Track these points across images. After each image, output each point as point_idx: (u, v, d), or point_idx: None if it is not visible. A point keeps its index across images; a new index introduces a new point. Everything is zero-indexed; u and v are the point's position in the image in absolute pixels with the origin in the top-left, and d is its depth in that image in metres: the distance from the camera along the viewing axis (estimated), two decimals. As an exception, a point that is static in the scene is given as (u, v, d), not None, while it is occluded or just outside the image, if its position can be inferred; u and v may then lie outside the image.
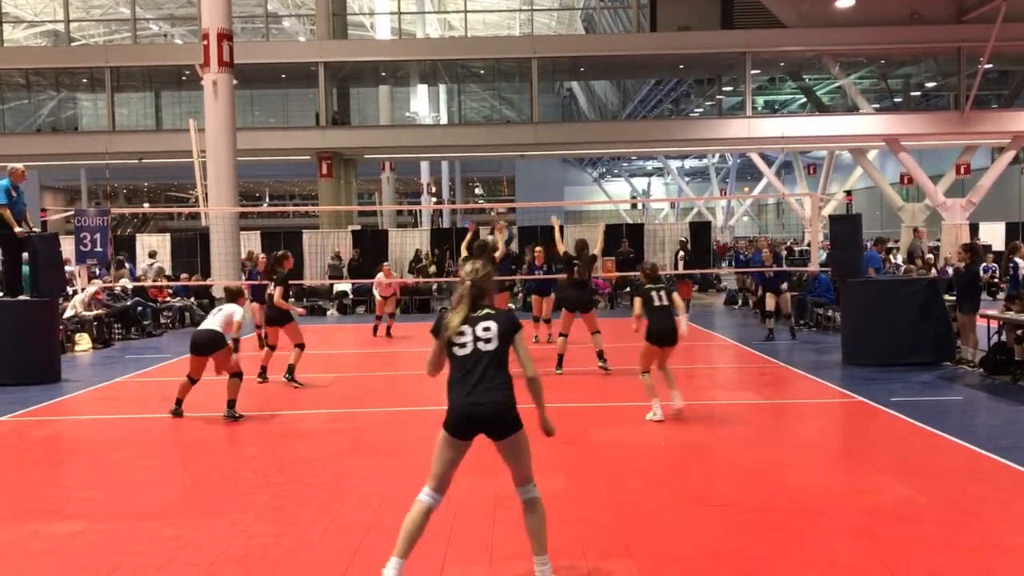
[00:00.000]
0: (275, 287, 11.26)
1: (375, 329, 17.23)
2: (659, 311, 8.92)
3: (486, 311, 4.61)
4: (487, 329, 4.54)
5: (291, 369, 11.25)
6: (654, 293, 8.98)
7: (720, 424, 8.71)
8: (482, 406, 4.51)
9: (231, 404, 9.31)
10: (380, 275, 17.30)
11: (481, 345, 4.52)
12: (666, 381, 9.04)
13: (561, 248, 12.37)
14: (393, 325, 17.24)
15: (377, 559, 5.07)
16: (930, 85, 34.03)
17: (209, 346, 9.22)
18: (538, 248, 16.24)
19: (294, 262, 12.96)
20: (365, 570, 4.95)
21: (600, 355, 11.81)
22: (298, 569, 4.99)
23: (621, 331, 17.15)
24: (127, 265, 21.92)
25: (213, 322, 9.33)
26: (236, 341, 9.68)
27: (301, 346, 11.34)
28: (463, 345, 4.54)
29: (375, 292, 17.36)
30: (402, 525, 4.55)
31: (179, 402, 9.47)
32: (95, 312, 16.27)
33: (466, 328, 4.55)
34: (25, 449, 8.37)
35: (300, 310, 14.99)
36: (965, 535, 5.39)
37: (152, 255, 23.52)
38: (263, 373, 11.50)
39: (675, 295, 9.08)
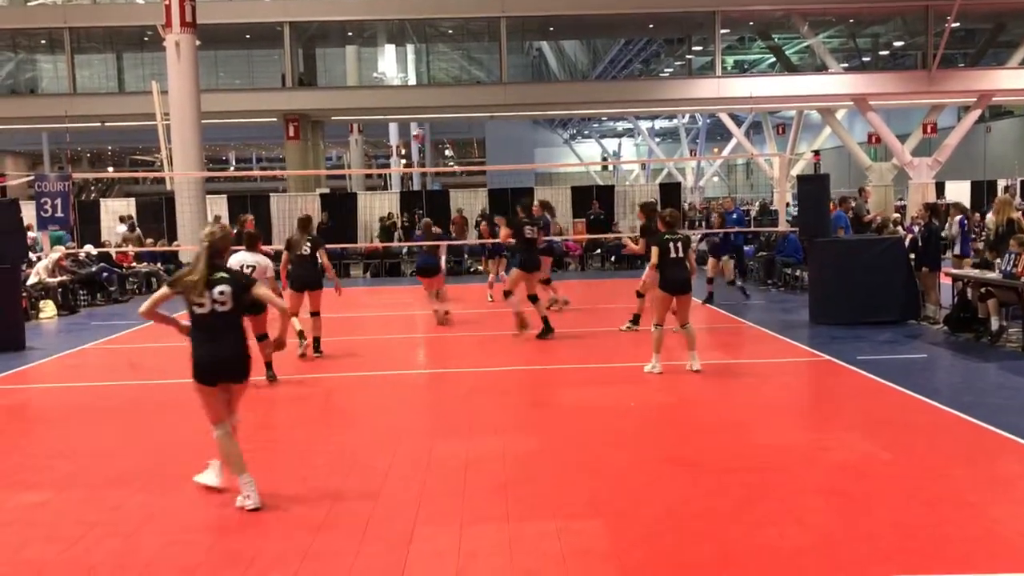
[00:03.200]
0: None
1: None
2: (674, 264, 8.91)
3: (222, 275, 5.25)
4: (222, 293, 5.20)
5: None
6: (671, 244, 8.93)
7: (689, 384, 8.76)
8: (225, 357, 5.27)
9: (268, 366, 8.95)
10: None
11: (218, 307, 5.20)
12: (686, 342, 9.17)
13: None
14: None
15: (348, 523, 5.07)
16: (898, 44, 34.12)
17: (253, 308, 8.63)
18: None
19: (263, 227, 12.86)
20: (334, 535, 4.94)
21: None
22: (268, 535, 4.98)
23: (592, 293, 17.22)
24: (138, 230, 21.81)
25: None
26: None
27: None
28: (201, 305, 5.19)
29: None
30: (225, 454, 5.41)
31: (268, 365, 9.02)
32: (59, 279, 16.02)
33: (206, 291, 5.17)
34: (-11, 418, 8.26)
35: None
36: (929, 491, 5.47)
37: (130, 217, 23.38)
38: None
39: (691, 251, 9.19)
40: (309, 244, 10.49)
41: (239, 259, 8.95)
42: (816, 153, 42.43)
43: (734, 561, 4.47)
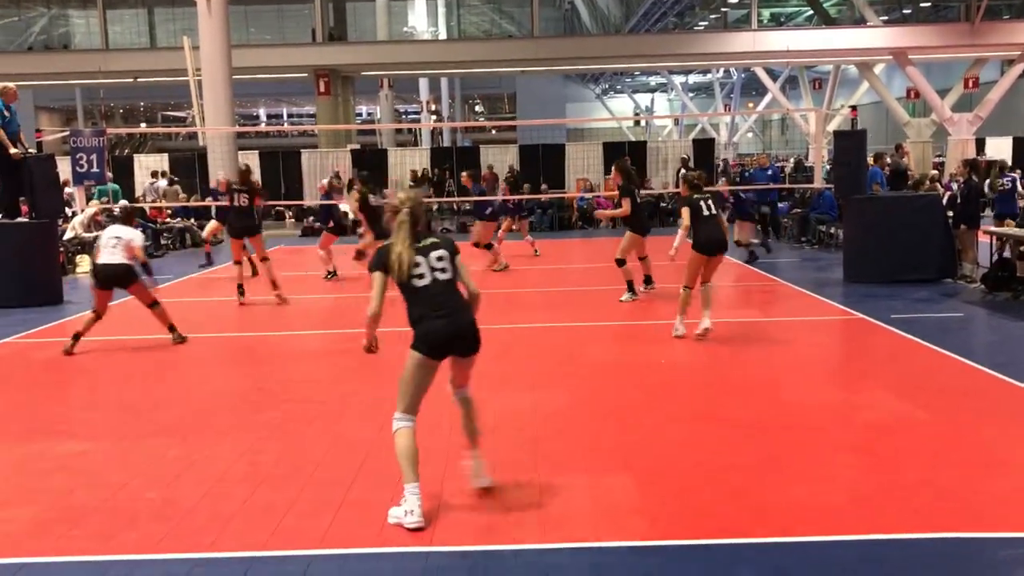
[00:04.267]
0: None
1: None
2: (708, 221, 8.65)
3: (431, 240, 4.70)
4: (440, 259, 4.64)
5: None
6: (702, 203, 8.70)
7: (721, 342, 8.73)
8: (462, 327, 4.72)
9: (173, 329, 9.16)
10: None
11: (439, 275, 4.63)
12: (702, 300, 8.77)
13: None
14: None
15: (381, 475, 5.14)
16: (940, -4, 33.25)
17: (124, 280, 8.84)
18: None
19: (294, 182, 13.06)
20: (369, 486, 5.02)
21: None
22: (304, 485, 5.06)
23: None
24: (176, 185, 22.19)
25: (116, 255, 8.77)
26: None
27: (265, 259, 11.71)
28: (421, 276, 4.63)
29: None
30: (400, 454, 4.62)
31: (76, 337, 8.81)
32: (95, 234, 16.21)
33: (420, 260, 4.61)
34: (29, 370, 8.44)
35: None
36: (962, 450, 5.44)
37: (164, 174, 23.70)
38: (240, 290, 11.55)
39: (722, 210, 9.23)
40: (246, 195, 11.72)
41: (110, 232, 9.12)
42: (853, 108, 41.67)
43: (765, 517, 4.48)
